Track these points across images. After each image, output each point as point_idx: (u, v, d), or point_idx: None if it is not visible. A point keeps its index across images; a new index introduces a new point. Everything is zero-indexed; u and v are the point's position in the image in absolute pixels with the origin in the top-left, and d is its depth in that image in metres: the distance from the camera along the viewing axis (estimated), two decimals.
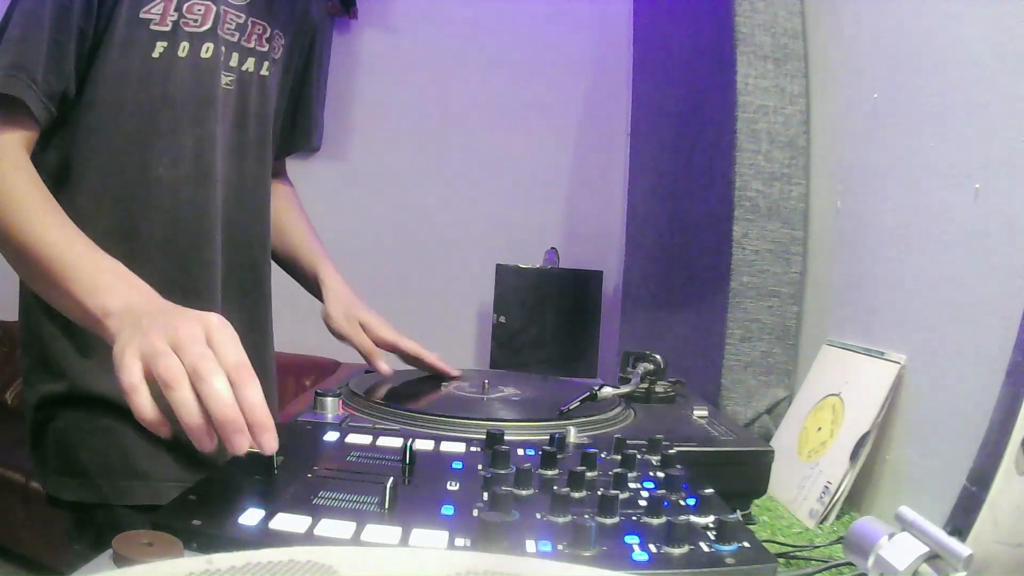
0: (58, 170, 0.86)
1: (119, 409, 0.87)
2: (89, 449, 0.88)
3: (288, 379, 2.55)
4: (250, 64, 0.97)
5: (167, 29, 0.87)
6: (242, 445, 0.54)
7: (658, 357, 0.98)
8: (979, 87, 0.83)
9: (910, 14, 0.96)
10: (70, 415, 0.89)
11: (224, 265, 0.96)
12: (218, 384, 0.54)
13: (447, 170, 2.81)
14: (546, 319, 2.24)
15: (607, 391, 0.87)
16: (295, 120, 1.16)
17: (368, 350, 1.08)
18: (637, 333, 1.75)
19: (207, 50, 0.90)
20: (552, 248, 2.48)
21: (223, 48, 0.92)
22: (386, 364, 1.07)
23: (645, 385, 0.96)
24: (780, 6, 1.18)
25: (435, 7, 2.78)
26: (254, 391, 0.55)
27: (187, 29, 0.88)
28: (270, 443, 0.55)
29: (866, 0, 1.07)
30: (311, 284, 1.15)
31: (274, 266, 1.12)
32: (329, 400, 0.79)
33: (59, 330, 0.88)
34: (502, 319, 2.23)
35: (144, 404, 0.55)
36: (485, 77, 2.79)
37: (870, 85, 1.04)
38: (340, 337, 1.10)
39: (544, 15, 2.78)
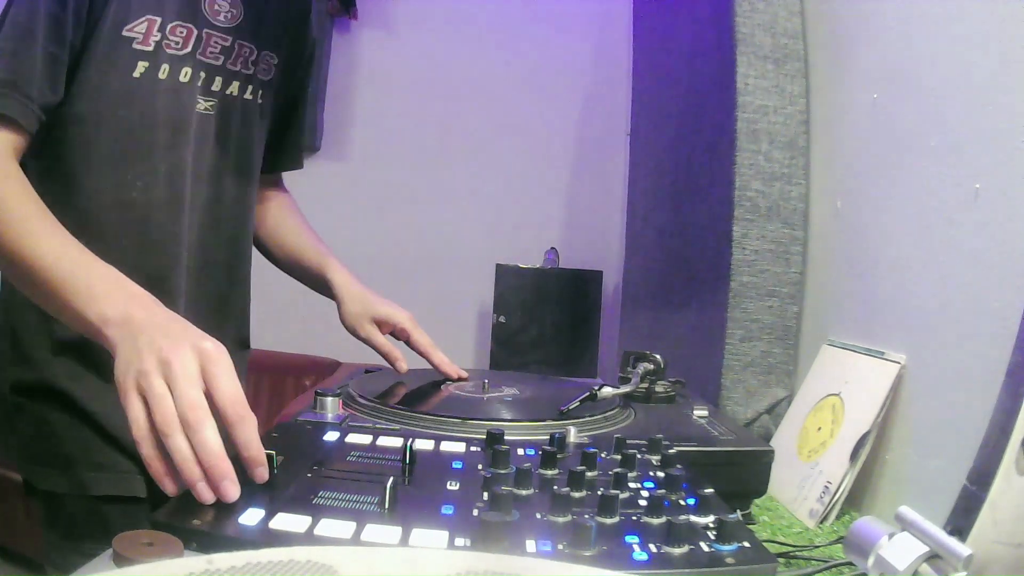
0: (36, 186, 0.82)
1: (79, 407, 0.87)
2: (55, 439, 0.88)
3: (288, 379, 2.55)
4: (234, 88, 0.95)
5: (150, 49, 0.85)
6: (231, 494, 0.54)
7: (658, 357, 0.98)
8: (979, 87, 0.83)
9: (910, 14, 0.96)
10: (37, 405, 0.89)
11: (189, 292, 0.95)
12: (207, 434, 0.55)
13: (447, 170, 2.81)
14: (546, 319, 2.24)
15: (607, 391, 0.87)
16: (286, 138, 1.14)
17: (386, 352, 1.07)
18: (637, 333, 1.75)
19: (185, 74, 0.89)
20: (552, 248, 2.48)
21: (202, 73, 0.91)
22: (405, 364, 1.06)
23: (645, 385, 0.96)
24: (780, 6, 1.18)
25: (435, 8, 2.78)
26: (248, 428, 0.57)
27: (168, 51, 0.87)
28: (262, 476, 0.57)
29: (866, 0, 1.07)
30: (321, 286, 1.13)
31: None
32: (329, 400, 0.79)
33: (34, 320, 0.88)
34: (502, 319, 2.23)
35: (151, 456, 0.57)
36: (485, 77, 2.79)
37: (870, 85, 1.04)
38: (360, 339, 1.09)
39: (544, 16, 2.78)
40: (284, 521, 0.51)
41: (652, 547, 0.50)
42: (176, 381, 0.57)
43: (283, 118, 1.12)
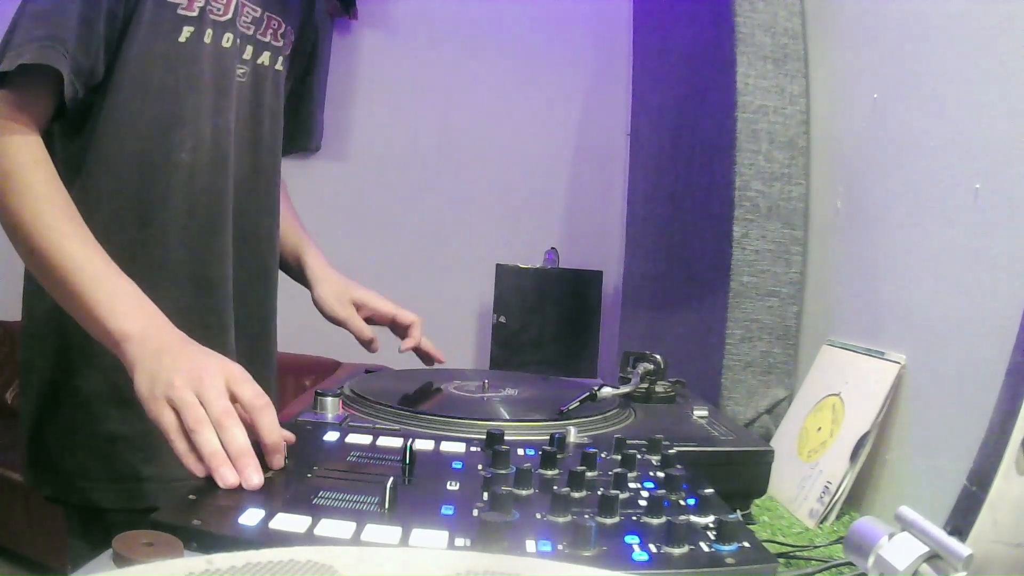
0: (81, 153, 0.85)
1: (106, 409, 0.87)
2: (82, 452, 0.88)
3: (288, 379, 2.55)
4: (265, 58, 0.97)
5: (194, 14, 0.87)
6: (254, 482, 0.58)
7: (658, 357, 0.98)
8: (979, 87, 0.83)
9: (910, 14, 0.96)
10: (61, 416, 0.89)
11: (234, 255, 0.96)
12: (236, 432, 0.61)
13: (447, 170, 2.81)
14: (546, 319, 2.24)
15: (607, 391, 0.87)
16: (296, 119, 1.16)
17: (365, 336, 1.08)
18: (637, 333, 1.75)
19: (227, 40, 0.91)
20: (552, 248, 2.48)
21: (239, 41, 0.93)
22: (379, 344, 1.07)
23: (645, 385, 0.96)
24: (780, 6, 1.18)
25: (435, 7, 2.78)
26: (270, 414, 0.63)
27: (212, 16, 0.89)
28: (279, 463, 0.62)
29: (866, 0, 1.07)
30: (295, 271, 1.13)
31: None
32: (329, 400, 0.79)
33: (50, 330, 0.88)
34: (502, 319, 2.23)
35: (185, 451, 0.62)
36: (485, 77, 2.79)
37: (870, 85, 1.04)
38: (335, 321, 1.09)
39: (544, 15, 2.78)
40: (284, 521, 0.51)
41: (652, 547, 0.50)
42: (207, 392, 0.63)
43: (297, 96, 1.14)
